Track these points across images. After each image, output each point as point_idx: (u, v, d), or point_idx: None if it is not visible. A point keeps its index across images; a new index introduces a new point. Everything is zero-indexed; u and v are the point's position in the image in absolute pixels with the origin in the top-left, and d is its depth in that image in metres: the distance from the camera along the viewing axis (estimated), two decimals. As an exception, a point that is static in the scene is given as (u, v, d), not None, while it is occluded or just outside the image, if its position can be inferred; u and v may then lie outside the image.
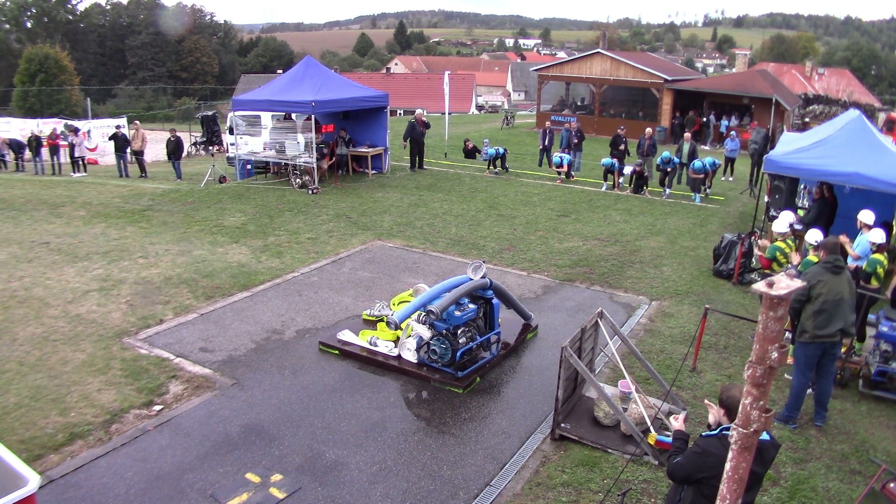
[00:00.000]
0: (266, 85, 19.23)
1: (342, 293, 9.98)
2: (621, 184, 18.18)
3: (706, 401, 4.39)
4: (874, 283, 8.48)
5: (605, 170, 18.12)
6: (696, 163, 17.27)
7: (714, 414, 4.18)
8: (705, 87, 33.39)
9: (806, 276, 6.66)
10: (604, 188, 18.05)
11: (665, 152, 17.67)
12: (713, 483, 3.48)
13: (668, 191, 17.50)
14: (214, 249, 11.82)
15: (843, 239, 9.37)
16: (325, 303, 9.61)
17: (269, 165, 18.84)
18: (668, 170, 17.41)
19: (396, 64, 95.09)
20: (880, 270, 8.47)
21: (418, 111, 20.59)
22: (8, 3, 76.50)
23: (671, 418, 4.45)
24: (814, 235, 8.56)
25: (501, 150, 20.21)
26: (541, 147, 22.94)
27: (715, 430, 3.96)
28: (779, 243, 9.40)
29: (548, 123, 29.29)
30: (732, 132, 22.05)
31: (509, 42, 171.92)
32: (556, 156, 19.41)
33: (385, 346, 7.94)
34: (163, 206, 15.13)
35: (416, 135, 19.64)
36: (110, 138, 22.00)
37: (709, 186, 17.94)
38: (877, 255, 8.50)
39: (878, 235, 8.61)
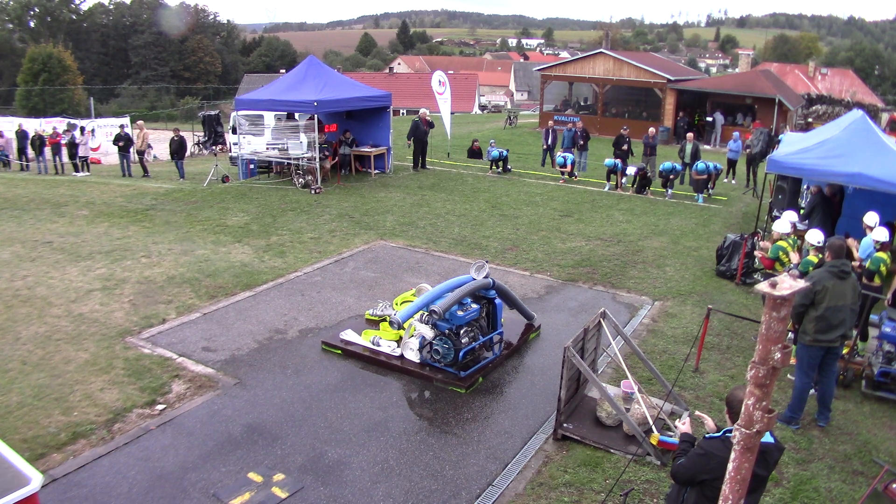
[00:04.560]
0: (269, 84, 19.24)
1: (345, 293, 9.99)
2: (624, 184, 18.16)
3: (697, 412, 4.37)
4: (876, 281, 8.48)
5: (608, 170, 18.11)
6: (700, 164, 17.26)
7: (709, 425, 4.19)
8: (708, 87, 33.35)
9: (811, 279, 6.60)
10: (606, 188, 18.04)
11: (666, 163, 17.63)
12: (716, 485, 3.47)
13: (670, 191, 17.48)
14: (217, 249, 11.83)
15: (851, 242, 9.37)
16: (327, 302, 9.62)
17: (272, 165, 18.85)
18: (671, 177, 17.41)
19: (399, 64, 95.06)
20: (883, 269, 8.48)
21: (422, 110, 20.60)
22: (11, 3, 76.67)
23: (677, 422, 4.45)
24: (815, 236, 8.54)
25: (504, 153, 20.21)
26: (544, 147, 22.95)
27: (718, 432, 3.96)
28: (781, 242, 9.38)
29: (551, 123, 29.30)
30: (735, 133, 21.99)
31: (512, 42, 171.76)
32: (560, 156, 19.40)
33: (388, 346, 7.94)
34: (166, 205, 15.15)
35: (419, 134, 19.67)
36: (115, 141, 22.01)
37: (712, 187, 17.92)
38: (880, 254, 8.50)
39: (882, 234, 8.62)
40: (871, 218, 9.20)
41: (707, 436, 3.99)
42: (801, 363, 6.71)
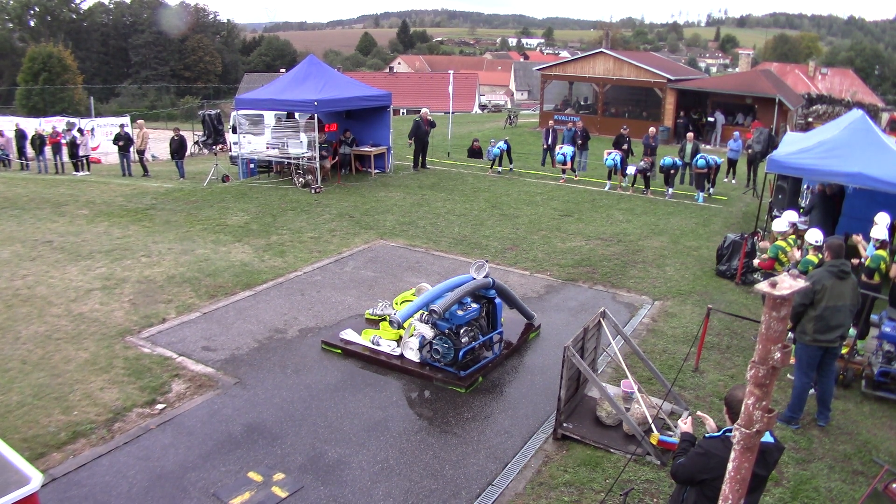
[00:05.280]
0: (269, 84, 19.24)
1: (345, 292, 9.99)
2: (624, 183, 18.16)
3: (699, 412, 4.35)
4: (876, 279, 8.50)
5: (609, 170, 18.11)
6: (699, 160, 17.29)
7: (710, 425, 4.18)
8: (708, 87, 33.33)
9: (811, 278, 6.59)
10: (607, 188, 18.04)
11: (666, 157, 17.65)
12: (716, 485, 3.47)
13: (671, 190, 17.49)
14: (217, 248, 11.83)
15: (858, 240, 9.38)
16: (327, 302, 9.62)
17: (272, 164, 18.85)
18: (672, 171, 17.45)
19: (399, 63, 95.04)
20: (883, 266, 8.50)
21: (424, 110, 20.60)
22: (11, 2, 76.62)
23: (678, 421, 4.45)
24: (814, 235, 8.55)
25: (505, 146, 20.03)
26: (544, 147, 22.94)
27: (718, 432, 3.95)
28: (780, 242, 9.38)
29: (551, 123, 29.28)
30: (735, 133, 21.99)
31: (512, 41, 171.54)
32: (559, 153, 19.33)
33: (388, 346, 7.94)
34: (166, 204, 15.15)
35: (420, 133, 19.68)
36: (115, 140, 22.00)
37: (712, 185, 17.93)
38: (880, 252, 8.53)
39: (881, 232, 8.64)
40: (880, 217, 9.23)
41: (707, 435, 3.98)
42: (801, 363, 6.71)
